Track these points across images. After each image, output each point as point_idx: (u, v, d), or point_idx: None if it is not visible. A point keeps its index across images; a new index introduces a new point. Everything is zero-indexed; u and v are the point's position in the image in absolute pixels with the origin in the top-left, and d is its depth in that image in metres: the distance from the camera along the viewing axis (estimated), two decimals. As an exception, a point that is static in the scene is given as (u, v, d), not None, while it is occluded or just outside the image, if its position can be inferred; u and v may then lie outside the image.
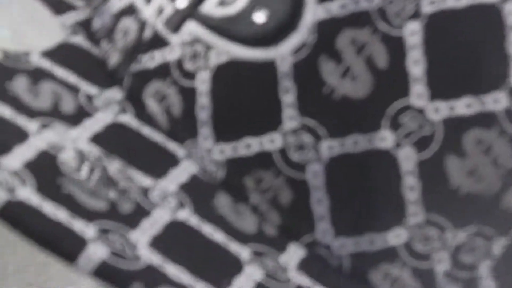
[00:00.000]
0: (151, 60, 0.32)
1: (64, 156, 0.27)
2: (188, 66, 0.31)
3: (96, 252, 0.25)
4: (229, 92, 0.30)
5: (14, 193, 0.25)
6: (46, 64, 0.31)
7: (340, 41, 0.29)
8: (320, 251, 0.29)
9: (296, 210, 0.30)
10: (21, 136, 0.28)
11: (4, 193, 0.25)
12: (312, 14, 0.29)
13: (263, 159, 0.30)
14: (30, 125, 0.28)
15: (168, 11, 0.32)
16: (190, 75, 0.31)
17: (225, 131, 0.30)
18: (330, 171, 0.29)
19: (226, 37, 0.30)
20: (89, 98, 0.31)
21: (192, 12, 0.31)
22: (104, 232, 0.25)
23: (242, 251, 0.28)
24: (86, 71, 0.32)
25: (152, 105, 0.31)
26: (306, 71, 0.29)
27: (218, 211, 0.29)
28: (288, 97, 0.29)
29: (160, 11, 0.32)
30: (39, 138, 0.28)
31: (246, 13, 0.30)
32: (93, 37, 0.34)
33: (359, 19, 0.29)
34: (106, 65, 0.33)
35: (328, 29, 0.29)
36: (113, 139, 0.30)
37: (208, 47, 0.30)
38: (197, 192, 0.29)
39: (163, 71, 0.31)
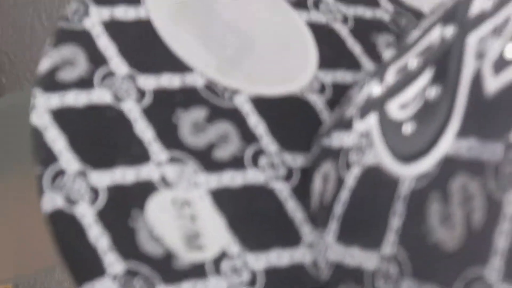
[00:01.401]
0: (336, 139, 0.31)
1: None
2: (351, 157, 0.30)
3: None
4: (363, 196, 0.29)
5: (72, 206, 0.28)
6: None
7: (453, 184, 0.26)
8: None
9: None
10: (139, 158, 0.29)
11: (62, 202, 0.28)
12: (447, 145, 0.26)
13: (358, 275, 0.28)
14: (160, 154, 0.30)
15: (364, 96, 0.31)
16: (349, 166, 0.30)
17: (346, 232, 0.29)
18: None
19: (384, 140, 0.29)
20: (257, 154, 0.32)
21: (380, 104, 0.30)
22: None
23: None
24: (284, 130, 0.33)
25: (318, 182, 0.31)
26: (416, 202, 0.27)
27: None
28: (395, 221, 0.27)
29: (367, 93, 0.31)
30: (154, 169, 0.30)
31: (402, 121, 0.28)
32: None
33: (474, 167, 0.25)
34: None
35: (449, 167, 0.26)
36: (242, 201, 0.30)
37: (370, 144, 0.29)
38: (282, 283, 0.29)
39: (336, 154, 0.31)
